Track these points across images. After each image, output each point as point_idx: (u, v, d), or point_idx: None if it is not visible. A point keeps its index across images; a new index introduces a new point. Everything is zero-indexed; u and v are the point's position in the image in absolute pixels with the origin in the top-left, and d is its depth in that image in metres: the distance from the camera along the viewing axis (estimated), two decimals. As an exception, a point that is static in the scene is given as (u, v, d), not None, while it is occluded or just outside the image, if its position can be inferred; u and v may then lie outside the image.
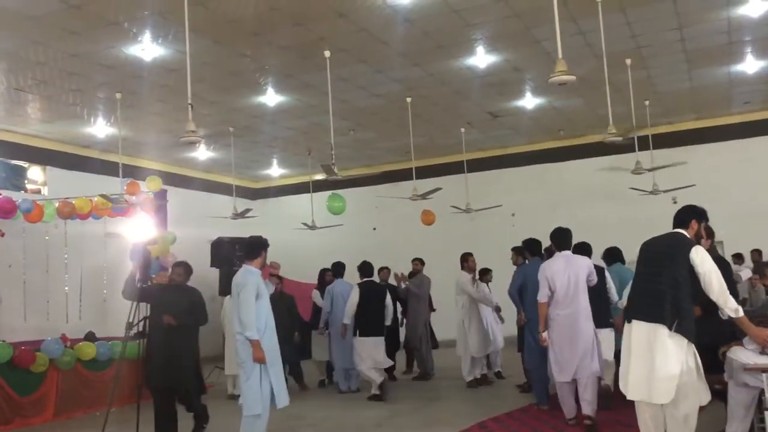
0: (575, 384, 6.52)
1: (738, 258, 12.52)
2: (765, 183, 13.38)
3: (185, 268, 6.98)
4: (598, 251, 8.05)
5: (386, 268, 11.07)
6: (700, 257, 4.48)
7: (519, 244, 9.25)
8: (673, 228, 4.80)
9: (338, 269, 10.30)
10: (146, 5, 7.53)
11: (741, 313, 4.51)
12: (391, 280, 11.03)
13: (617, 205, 13.74)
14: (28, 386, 8.40)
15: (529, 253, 8.17)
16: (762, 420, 4.70)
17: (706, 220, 4.87)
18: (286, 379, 8.89)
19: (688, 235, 4.70)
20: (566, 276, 6.47)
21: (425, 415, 8.01)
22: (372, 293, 9.39)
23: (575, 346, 6.41)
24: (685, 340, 4.44)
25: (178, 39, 8.01)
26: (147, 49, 8.65)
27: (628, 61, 10.00)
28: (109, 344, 9.34)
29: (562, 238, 6.77)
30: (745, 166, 13.62)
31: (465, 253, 9.86)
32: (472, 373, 9.59)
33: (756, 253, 12.52)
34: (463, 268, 9.72)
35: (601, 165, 14.19)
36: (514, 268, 8.95)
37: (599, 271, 7.04)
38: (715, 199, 13.29)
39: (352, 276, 10.01)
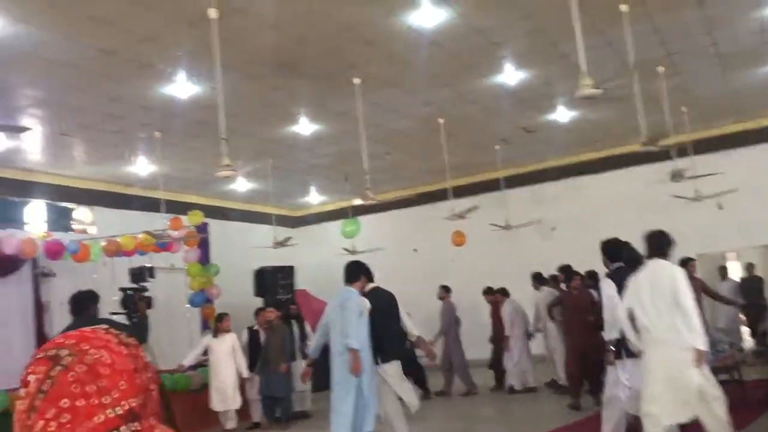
0: None
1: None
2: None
3: None
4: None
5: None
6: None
7: (561, 258, 9.20)
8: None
9: None
10: (178, 46, 7.77)
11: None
12: None
13: (660, 213, 13.44)
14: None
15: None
16: None
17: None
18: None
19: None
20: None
21: None
22: None
23: None
24: None
25: (211, 76, 8.21)
26: (182, 87, 8.91)
27: (660, 69, 9.90)
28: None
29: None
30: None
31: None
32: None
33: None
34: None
35: (641, 174, 13.95)
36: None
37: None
38: (757, 201, 13.07)
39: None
